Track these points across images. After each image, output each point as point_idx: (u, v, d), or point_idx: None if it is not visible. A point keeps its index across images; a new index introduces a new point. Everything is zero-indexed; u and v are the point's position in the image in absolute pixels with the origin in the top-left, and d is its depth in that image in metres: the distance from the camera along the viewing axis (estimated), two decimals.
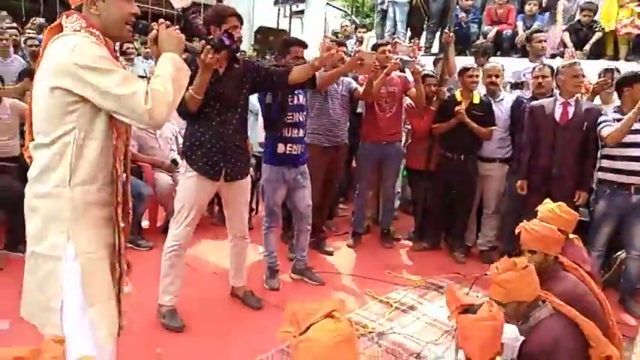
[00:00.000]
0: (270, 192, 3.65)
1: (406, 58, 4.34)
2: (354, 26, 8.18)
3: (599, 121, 3.65)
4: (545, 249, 2.39)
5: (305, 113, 3.66)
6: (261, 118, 4.44)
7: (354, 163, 5.31)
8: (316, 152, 4.11)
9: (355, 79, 4.60)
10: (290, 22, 8.41)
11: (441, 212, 4.64)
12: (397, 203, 5.52)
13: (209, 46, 2.48)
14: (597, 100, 4.43)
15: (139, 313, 2.97)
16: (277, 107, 3.30)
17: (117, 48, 1.91)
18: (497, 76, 4.40)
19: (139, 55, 7.20)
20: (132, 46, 6.25)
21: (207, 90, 2.76)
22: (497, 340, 1.72)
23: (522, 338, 2.01)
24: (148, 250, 4.15)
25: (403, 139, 5.17)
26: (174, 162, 4.55)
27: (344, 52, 4.32)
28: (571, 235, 2.71)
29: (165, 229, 4.34)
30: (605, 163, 3.70)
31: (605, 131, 3.55)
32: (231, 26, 2.82)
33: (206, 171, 2.94)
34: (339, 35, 8.00)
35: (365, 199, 4.80)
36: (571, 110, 3.78)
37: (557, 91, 3.96)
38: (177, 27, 1.83)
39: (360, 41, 7.31)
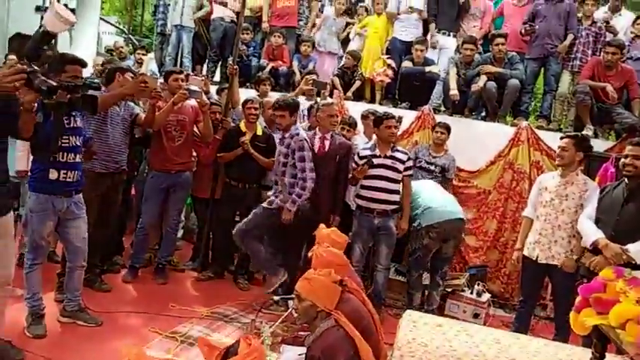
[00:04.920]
0: (36, 224, 3.18)
1: (194, 88, 4.30)
2: (132, 46, 7.78)
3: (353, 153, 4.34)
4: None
5: (82, 137, 3.33)
6: (19, 142, 3.92)
7: (132, 191, 4.98)
8: (91, 179, 3.73)
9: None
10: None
11: (226, 241, 4.67)
12: (180, 232, 5.37)
13: (30, 79, 2.41)
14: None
15: None
16: (49, 128, 2.91)
17: None
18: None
19: None
20: None
21: None
22: None
23: None
24: None
25: None
26: None
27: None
28: None
29: None
30: (358, 190, 4.32)
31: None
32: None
33: None
34: (114, 54, 7.53)
35: (148, 232, 4.52)
36: (327, 143, 4.33)
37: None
38: None
39: (140, 63, 6.98)
